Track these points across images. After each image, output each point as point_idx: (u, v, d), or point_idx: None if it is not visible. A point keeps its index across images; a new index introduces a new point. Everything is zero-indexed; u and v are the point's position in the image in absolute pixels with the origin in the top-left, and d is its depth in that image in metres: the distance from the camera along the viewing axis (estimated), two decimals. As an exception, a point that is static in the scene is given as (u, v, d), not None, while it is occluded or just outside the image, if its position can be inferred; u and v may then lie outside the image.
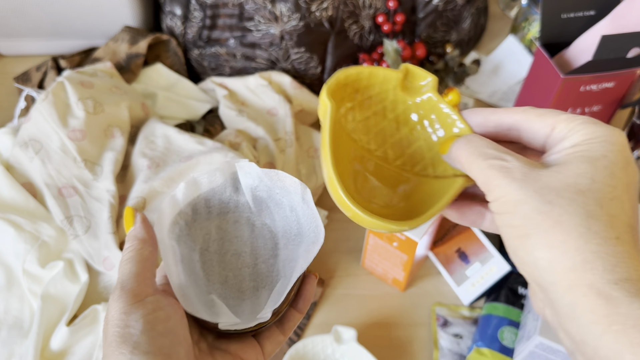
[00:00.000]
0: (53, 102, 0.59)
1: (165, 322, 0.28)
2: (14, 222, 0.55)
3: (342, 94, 0.33)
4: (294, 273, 0.34)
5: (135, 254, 0.31)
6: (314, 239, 0.34)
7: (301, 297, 0.35)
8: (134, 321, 0.28)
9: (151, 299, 0.29)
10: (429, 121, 0.34)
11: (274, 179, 0.36)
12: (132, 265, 0.30)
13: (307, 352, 0.53)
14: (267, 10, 0.69)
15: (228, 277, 0.37)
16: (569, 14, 0.62)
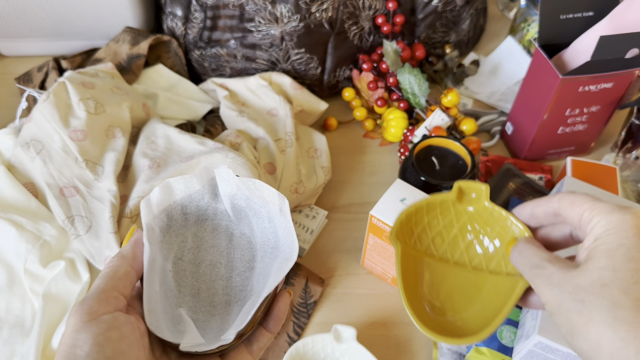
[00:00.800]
0: (54, 103, 0.60)
1: (116, 343, 0.27)
2: (15, 222, 0.56)
3: (409, 224, 0.40)
4: (263, 291, 0.33)
5: (111, 270, 0.31)
6: (288, 255, 0.33)
7: (272, 316, 0.34)
8: (82, 341, 0.27)
9: (107, 317, 0.28)
10: (490, 225, 0.39)
11: (251, 188, 0.35)
12: (101, 281, 0.30)
13: (307, 351, 0.53)
14: (267, 12, 0.69)
15: (201, 289, 0.35)
16: (567, 15, 0.62)
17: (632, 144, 0.67)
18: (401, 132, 0.73)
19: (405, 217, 0.40)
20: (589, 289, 0.27)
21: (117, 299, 0.30)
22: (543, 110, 0.65)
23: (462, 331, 0.35)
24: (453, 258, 0.40)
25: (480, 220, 0.40)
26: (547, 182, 0.69)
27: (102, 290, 0.29)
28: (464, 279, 0.39)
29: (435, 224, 0.40)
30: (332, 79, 0.77)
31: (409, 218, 0.40)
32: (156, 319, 0.31)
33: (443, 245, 0.40)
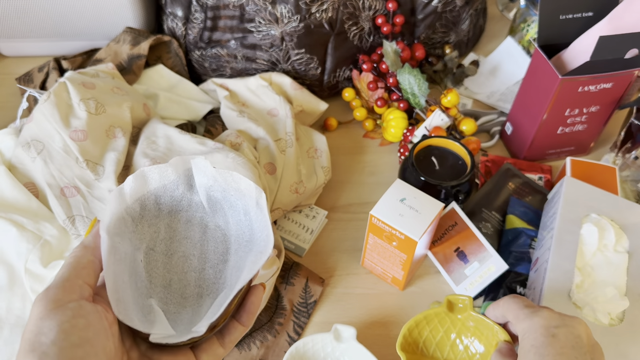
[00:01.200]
0: (55, 103, 0.60)
1: (82, 330, 0.27)
2: (16, 222, 0.56)
3: (413, 336, 0.49)
4: (236, 284, 0.32)
5: (74, 260, 0.30)
6: (263, 248, 0.33)
7: (244, 309, 0.34)
8: (48, 329, 0.26)
9: (73, 305, 0.28)
10: (479, 330, 0.47)
11: (228, 180, 0.34)
12: (65, 271, 0.30)
13: (307, 351, 0.53)
14: (267, 12, 0.69)
15: (172, 280, 0.35)
16: (567, 15, 0.62)
17: (631, 144, 0.68)
18: (401, 132, 0.73)
19: (407, 330, 0.49)
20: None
21: (82, 287, 0.30)
22: (542, 110, 0.65)
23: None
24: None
25: (469, 326, 0.48)
26: (547, 182, 0.69)
27: (66, 279, 0.29)
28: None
29: (437, 332, 0.49)
30: (332, 79, 0.77)
31: (411, 331, 0.49)
32: (125, 308, 0.30)
33: (446, 349, 0.48)
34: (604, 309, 0.48)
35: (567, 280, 0.51)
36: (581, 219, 0.55)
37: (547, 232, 0.57)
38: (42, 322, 0.27)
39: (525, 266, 0.58)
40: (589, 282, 0.51)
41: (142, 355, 0.32)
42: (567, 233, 0.54)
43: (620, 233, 0.54)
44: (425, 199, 0.54)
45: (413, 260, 0.55)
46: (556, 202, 0.58)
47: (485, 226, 0.63)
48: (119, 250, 0.32)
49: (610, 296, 0.48)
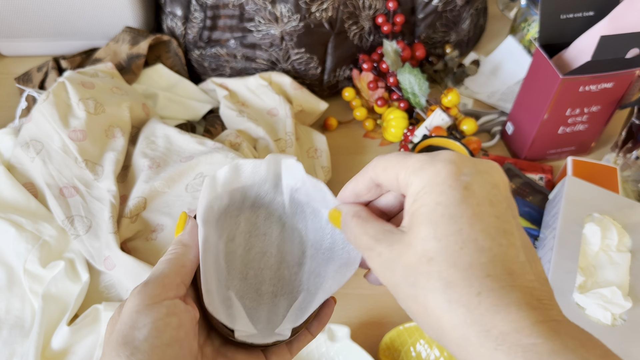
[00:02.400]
0: (54, 103, 0.59)
1: (175, 329, 0.27)
2: (15, 222, 0.56)
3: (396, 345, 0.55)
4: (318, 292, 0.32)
5: (174, 257, 0.30)
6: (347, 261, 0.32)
7: (317, 319, 0.34)
8: (142, 324, 0.27)
9: (168, 303, 0.28)
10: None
11: (317, 187, 0.34)
12: (165, 267, 0.30)
13: (301, 352, 0.53)
14: (267, 11, 0.69)
15: (249, 274, 0.35)
16: (568, 15, 0.62)
17: (632, 144, 0.67)
18: (401, 132, 0.73)
19: (389, 339, 0.53)
20: (418, 269, 0.24)
21: (179, 286, 0.29)
22: (543, 110, 0.64)
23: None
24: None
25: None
26: (548, 182, 0.69)
27: (165, 275, 0.29)
28: None
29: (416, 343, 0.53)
30: (332, 79, 0.77)
31: (393, 340, 0.53)
32: (213, 300, 0.30)
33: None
34: (607, 308, 0.48)
35: (569, 280, 0.50)
36: (583, 218, 0.55)
37: (549, 232, 0.57)
38: (138, 316, 0.27)
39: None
40: (592, 282, 0.51)
41: (216, 352, 0.32)
42: (570, 233, 0.54)
43: (623, 232, 0.54)
44: (426, 198, 0.54)
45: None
46: (558, 201, 0.58)
47: (486, 226, 0.62)
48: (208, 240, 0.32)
49: (613, 296, 0.48)
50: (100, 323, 0.54)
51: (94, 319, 0.54)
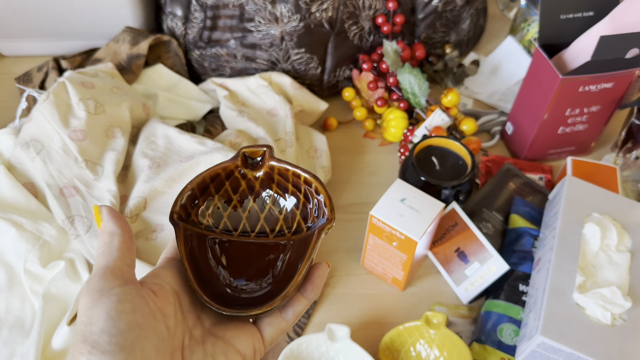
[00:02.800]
0: (54, 103, 0.59)
1: (130, 315, 0.27)
2: (15, 222, 0.56)
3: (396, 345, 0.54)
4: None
5: (105, 247, 0.31)
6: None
7: (310, 282, 0.34)
8: (96, 318, 0.27)
9: (117, 291, 0.28)
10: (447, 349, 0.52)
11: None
12: (102, 259, 0.30)
13: (301, 352, 0.53)
14: (267, 11, 0.69)
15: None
16: (567, 15, 0.62)
17: (632, 144, 0.67)
18: (401, 132, 0.73)
19: (389, 339, 0.54)
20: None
21: (123, 270, 0.30)
22: (543, 110, 0.65)
23: None
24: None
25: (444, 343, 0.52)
26: (547, 182, 0.69)
27: (105, 266, 0.29)
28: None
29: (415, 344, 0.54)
30: (332, 79, 0.77)
31: (393, 340, 0.54)
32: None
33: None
34: (607, 308, 0.48)
35: (569, 280, 0.50)
36: (583, 218, 0.55)
37: (549, 232, 0.57)
38: (91, 312, 0.27)
39: (528, 265, 0.58)
40: (592, 282, 0.51)
41: (207, 332, 0.32)
42: (569, 233, 0.54)
43: (623, 232, 0.54)
44: (426, 199, 0.54)
45: (413, 260, 0.55)
46: (558, 201, 0.58)
47: (485, 226, 0.62)
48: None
49: (613, 296, 0.48)
50: (100, 323, 0.54)
51: (94, 319, 0.54)
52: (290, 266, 0.35)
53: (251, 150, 0.38)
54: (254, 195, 0.39)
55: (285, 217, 0.38)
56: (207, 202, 0.37)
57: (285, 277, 0.35)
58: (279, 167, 0.38)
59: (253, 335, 0.33)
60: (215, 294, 0.33)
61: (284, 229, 0.38)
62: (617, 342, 0.47)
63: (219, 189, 0.38)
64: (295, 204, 0.38)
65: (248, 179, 0.38)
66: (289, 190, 0.38)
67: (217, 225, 0.37)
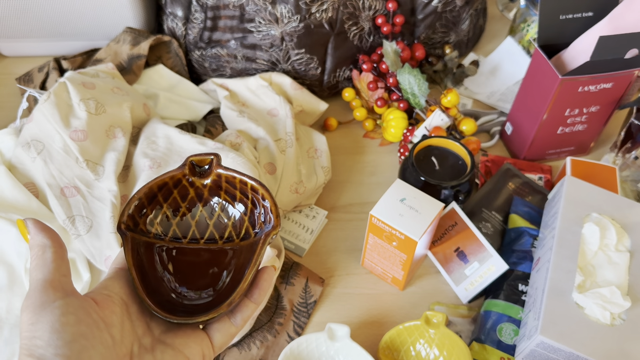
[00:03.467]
0: (55, 103, 0.60)
1: (74, 326, 0.27)
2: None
3: (396, 344, 0.54)
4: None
5: (38, 260, 0.30)
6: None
7: (256, 286, 0.35)
8: (41, 331, 0.27)
9: (59, 304, 0.28)
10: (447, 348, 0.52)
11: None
12: (37, 273, 0.30)
13: (301, 351, 0.53)
14: (267, 12, 0.69)
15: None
16: (567, 15, 0.62)
17: (631, 144, 0.68)
18: (401, 132, 0.73)
19: (389, 338, 0.54)
20: None
21: (61, 282, 0.30)
22: (542, 110, 0.65)
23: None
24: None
25: (444, 342, 0.52)
26: (547, 182, 0.69)
27: (43, 280, 0.29)
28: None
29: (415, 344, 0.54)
30: (332, 79, 0.77)
31: (393, 339, 0.54)
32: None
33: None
34: (606, 308, 0.48)
35: (569, 280, 0.50)
36: (582, 218, 0.55)
37: (549, 232, 0.57)
38: (34, 327, 0.27)
39: (528, 265, 0.58)
40: (591, 282, 0.51)
41: (156, 340, 0.32)
42: (569, 233, 0.54)
43: (622, 232, 0.54)
44: (425, 199, 0.54)
45: (413, 260, 0.55)
46: (557, 201, 0.58)
47: (485, 226, 0.63)
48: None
49: (612, 295, 0.48)
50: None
51: (95, 319, 0.54)
52: (238, 271, 0.36)
53: (199, 159, 0.38)
54: (202, 203, 0.39)
55: (234, 224, 0.39)
56: (155, 211, 0.38)
57: (233, 282, 0.35)
58: (226, 175, 0.38)
59: (202, 342, 0.33)
60: (163, 301, 0.33)
61: (232, 236, 0.39)
62: (616, 342, 0.47)
63: (167, 198, 0.38)
64: (244, 210, 0.39)
65: (196, 186, 0.39)
66: (237, 197, 0.39)
67: (166, 233, 0.38)
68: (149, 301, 0.32)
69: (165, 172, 0.38)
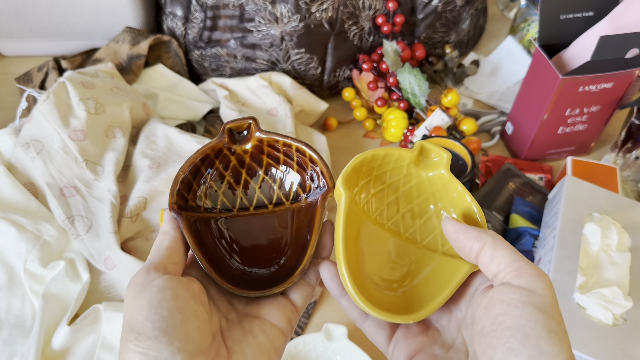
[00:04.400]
0: (54, 103, 0.59)
1: (171, 301, 0.29)
2: (15, 222, 0.56)
3: (357, 174, 0.35)
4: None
5: (156, 246, 0.33)
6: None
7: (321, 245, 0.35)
8: (139, 307, 0.28)
9: (157, 282, 0.29)
10: (440, 199, 0.36)
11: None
12: (150, 256, 0.32)
13: (298, 352, 0.53)
14: (267, 12, 0.69)
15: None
16: (567, 15, 0.62)
17: (632, 144, 0.67)
18: (401, 132, 0.73)
19: (359, 162, 0.34)
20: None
21: (166, 267, 0.31)
22: (543, 110, 0.65)
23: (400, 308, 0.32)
24: (387, 223, 0.36)
25: (429, 189, 0.36)
26: (547, 182, 0.69)
27: (150, 262, 0.31)
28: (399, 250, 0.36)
29: (382, 179, 0.36)
30: (332, 79, 0.77)
31: (362, 166, 0.35)
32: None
33: (382, 206, 0.36)
34: (608, 308, 0.48)
35: (570, 281, 0.50)
36: (583, 218, 0.55)
37: (549, 232, 0.57)
38: (134, 303, 0.29)
39: (527, 266, 0.58)
40: (592, 282, 0.51)
41: (241, 315, 0.33)
42: (570, 233, 0.54)
43: (623, 232, 0.54)
44: (426, 198, 0.54)
45: (414, 260, 0.55)
46: (558, 201, 0.58)
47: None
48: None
49: (614, 296, 0.48)
50: (100, 323, 0.54)
51: (95, 319, 0.54)
52: (297, 234, 0.35)
53: (236, 125, 0.37)
54: (245, 169, 0.38)
55: (282, 187, 0.38)
56: (201, 185, 0.37)
57: (296, 246, 0.35)
58: (267, 139, 0.37)
59: (285, 307, 0.34)
60: (233, 277, 0.34)
61: (282, 199, 0.38)
62: (618, 342, 0.47)
63: (211, 169, 0.37)
64: (290, 173, 0.38)
65: (237, 154, 0.38)
66: (280, 160, 0.38)
67: (215, 206, 0.37)
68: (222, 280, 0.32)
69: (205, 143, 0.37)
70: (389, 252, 0.35)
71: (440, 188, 0.36)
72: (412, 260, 0.35)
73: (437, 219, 0.36)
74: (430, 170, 0.36)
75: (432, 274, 0.34)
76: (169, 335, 0.27)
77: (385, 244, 0.36)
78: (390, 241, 0.36)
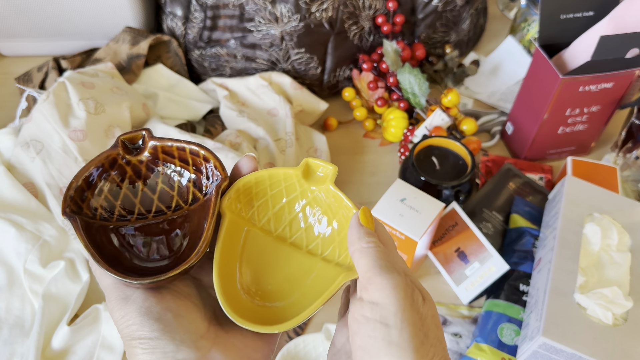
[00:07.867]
0: (54, 103, 0.59)
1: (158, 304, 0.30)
2: (15, 222, 0.56)
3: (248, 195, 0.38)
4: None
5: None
6: None
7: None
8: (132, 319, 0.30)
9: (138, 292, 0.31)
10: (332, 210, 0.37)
11: None
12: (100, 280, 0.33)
13: (298, 352, 0.53)
14: (267, 11, 0.69)
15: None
16: (567, 15, 0.62)
17: (632, 144, 0.67)
18: (401, 132, 0.73)
19: (242, 186, 0.37)
20: None
21: None
22: (543, 110, 0.65)
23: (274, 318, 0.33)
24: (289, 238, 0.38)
25: (321, 202, 0.37)
26: (548, 182, 0.69)
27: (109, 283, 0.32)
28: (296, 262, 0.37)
29: (278, 199, 0.38)
30: (332, 79, 0.77)
31: (249, 189, 0.37)
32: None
33: (282, 223, 0.38)
34: (608, 308, 0.48)
35: (570, 281, 0.50)
36: (583, 218, 0.55)
37: (550, 232, 0.57)
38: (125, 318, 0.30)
39: (529, 265, 0.58)
40: (593, 282, 0.51)
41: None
42: (570, 233, 0.54)
43: (623, 232, 0.54)
44: (426, 199, 0.54)
45: (413, 260, 0.55)
46: (558, 201, 0.58)
47: (485, 226, 0.62)
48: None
49: (614, 296, 0.48)
50: (100, 323, 0.54)
51: (94, 319, 0.54)
52: (197, 228, 0.36)
53: (129, 136, 0.37)
54: (142, 180, 0.38)
55: (180, 192, 0.39)
56: (95, 195, 0.37)
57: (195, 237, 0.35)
58: (161, 146, 0.37)
59: None
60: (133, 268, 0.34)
61: (180, 203, 0.38)
62: (618, 342, 0.47)
63: (106, 178, 0.38)
64: (187, 177, 0.38)
65: (133, 164, 0.38)
66: (176, 165, 0.38)
67: (112, 215, 0.37)
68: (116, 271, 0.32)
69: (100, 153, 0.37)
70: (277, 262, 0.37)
71: (334, 202, 0.37)
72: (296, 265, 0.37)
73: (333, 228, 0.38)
74: (318, 184, 0.37)
75: (314, 281, 0.36)
76: (168, 333, 0.29)
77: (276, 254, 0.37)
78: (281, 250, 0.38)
